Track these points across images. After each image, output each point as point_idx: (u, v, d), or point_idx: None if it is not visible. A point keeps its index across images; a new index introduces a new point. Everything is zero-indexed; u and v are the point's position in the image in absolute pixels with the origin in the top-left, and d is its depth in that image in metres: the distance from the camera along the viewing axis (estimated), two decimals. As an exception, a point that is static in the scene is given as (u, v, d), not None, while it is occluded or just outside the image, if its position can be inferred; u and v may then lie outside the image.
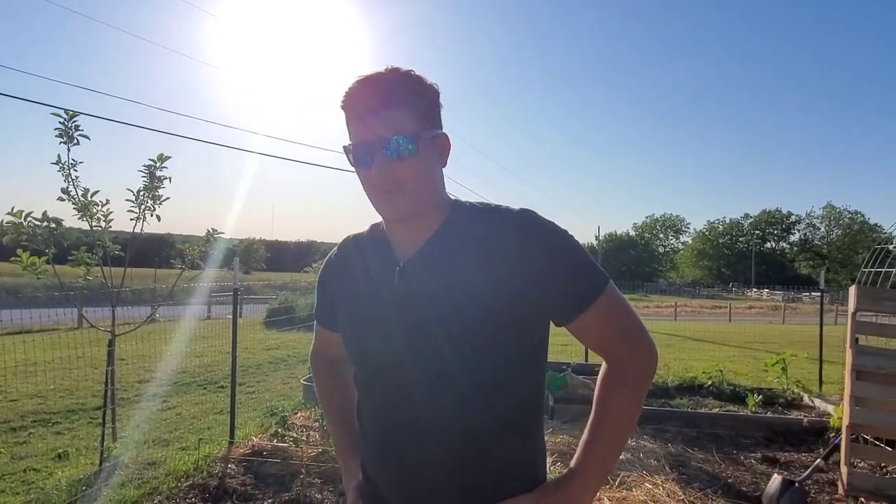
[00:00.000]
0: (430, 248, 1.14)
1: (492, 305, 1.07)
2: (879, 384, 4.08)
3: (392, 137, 1.06)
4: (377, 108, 1.08)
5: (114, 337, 4.55)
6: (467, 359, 1.08)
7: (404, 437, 1.13)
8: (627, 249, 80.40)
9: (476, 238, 1.12)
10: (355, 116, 1.10)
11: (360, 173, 1.12)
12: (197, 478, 4.24)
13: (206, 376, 8.50)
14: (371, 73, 1.10)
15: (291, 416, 5.74)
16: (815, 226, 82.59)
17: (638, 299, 43.44)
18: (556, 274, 1.10)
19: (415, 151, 1.08)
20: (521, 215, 1.13)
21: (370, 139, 1.08)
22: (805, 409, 6.55)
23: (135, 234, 4.55)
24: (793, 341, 13.61)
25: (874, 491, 3.93)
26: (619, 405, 1.15)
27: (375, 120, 1.07)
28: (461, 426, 1.10)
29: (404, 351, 1.11)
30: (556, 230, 1.13)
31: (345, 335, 1.26)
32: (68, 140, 4.10)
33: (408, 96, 1.09)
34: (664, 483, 4.16)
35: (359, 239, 1.28)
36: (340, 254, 1.30)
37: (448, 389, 1.09)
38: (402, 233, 1.17)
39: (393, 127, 1.07)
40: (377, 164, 1.07)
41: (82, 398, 7.18)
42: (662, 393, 7.05)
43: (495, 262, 1.08)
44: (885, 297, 4.20)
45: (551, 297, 1.11)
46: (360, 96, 1.09)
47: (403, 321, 1.12)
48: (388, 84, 1.08)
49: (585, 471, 1.13)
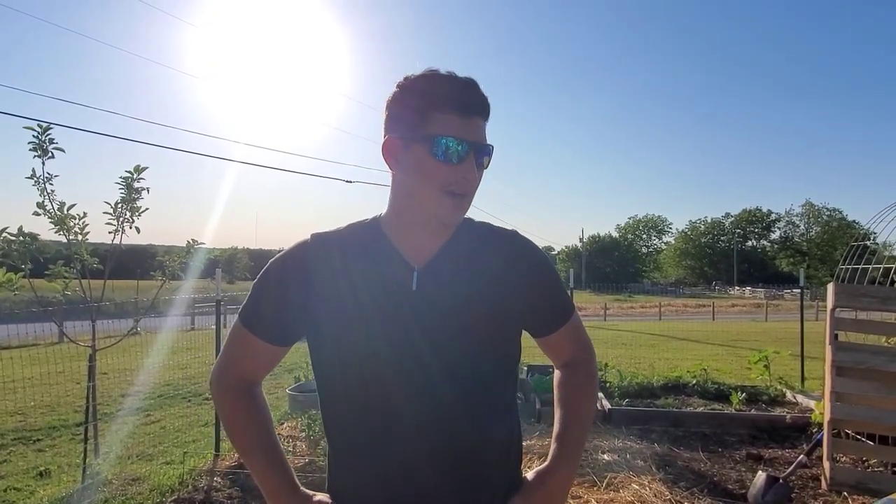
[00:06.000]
0: (445, 255, 1.17)
1: (499, 311, 1.17)
2: (859, 379, 4.14)
3: (489, 146, 1.13)
4: (483, 112, 1.12)
5: (94, 352, 4.49)
6: (476, 358, 1.14)
7: (404, 438, 1.12)
8: (611, 251, 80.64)
9: (483, 250, 1.19)
10: (460, 111, 1.08)
11: (436, 166, 1.07)
12: (182, 492, 4.20)
13: (191, 388, 8.41)
14: (464, 76, 1.11)
15: (277, 426, 5.69)
16: (794, 223, 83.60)
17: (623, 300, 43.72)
18: (544, 292, 1.25)
19: (487, 165, 1.15)
20: (517, 235, 1.26)
21: (471, 139, 1.09)
22: (788, 405, 6.63)
23: (114, 247, 4.50)
24: (775, 338, 13.76)
25: (856, 485, 3.99)
26: (589, 400, 1.32)
27: (479, 123, 1.11)
28: (467, 423, 1.13)
29: (417, 351, 1.11)
30: (546, 255, 1.29)
31: (337, 340, 1.13)
32: (42, 153, 4.05)
33: (489, 112, 1.13)
34: (651, 483, 4.19)
35: (336, 240, 1.18)
36: (314, 254, 1.16)
37: (457, 390, 1.13)
38: (418, 237, 1.16)
39: (485, 136, 1.12)
40: (471, 167, 1.09)
41: (64, 414, 7.07)
42: (648, 393, 7.09)
43: (502, 274, 1.18)
44: (861, 294, 4.27)
45: (538, 311, 1.25)
46: (471, 94, 1.10)
47: (421, 323, 1.12)
48: (485, 95, 1.11)
49: (566, 462, 1.21)
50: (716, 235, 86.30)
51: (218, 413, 1.27)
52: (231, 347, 1.23)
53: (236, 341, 1.22)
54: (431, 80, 1.09)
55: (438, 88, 1.08)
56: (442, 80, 1.09)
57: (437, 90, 1.08)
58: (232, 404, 1.23)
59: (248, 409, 1.23)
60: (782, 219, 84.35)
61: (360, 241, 1.17)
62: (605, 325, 21.47)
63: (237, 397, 1.23)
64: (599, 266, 75.81)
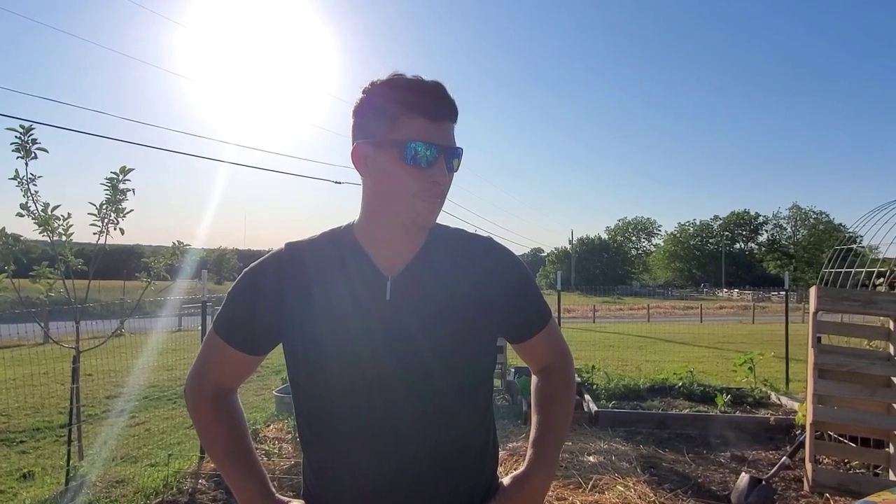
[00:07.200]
0: (418, 263, 1.16)
1: (474, 318, 1.16)
2: (841, 382, 4.19)
3: (459, 148, 1.12)
4: (450, 115, 1.10)
5: (78, 353, 4.46)
6: (452, 366, 1.13)
7: (382, 446, 1.12)
8: (601, 253, 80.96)
9: (457, 257, 1.19)
10: (428, 115, 1.07)
11: (407, 171, 1.07)
12: (167, 494, 4.17)
13: (176, 390, 8.36)
14: (430, 79, 1.10)
15: (263, 428, 5.68)
16: (781, 226, 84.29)
17: (612, 302, 43.91)
18: (520, 298, 1.25)
19: (457, 168, 1.15)
20: (491, 241, 1.27)
21: (440, 143, 1.08)
22: (772, 407, 6.69)
23: (99, 248, 4.47)
24: (761, 340, 13.88)
25: (838, 487, 4.03)
26: (565, 405, 1.32)
27: (448, 126, 1.10)
28: (445, 433, 1.14)
29: (392, 360, 1.11)
30: (521, 261, 1.28)
31: (311, 350, 1.13)
32: (26, 154, 4.02)
33: (457, 115, 1.13)
34: (636, 485, 4.21)
35: (309, 249, 1.18)
36: (288, 264, 1.16)
37: (433, 396, 1.12)
38: (391, 245, 1.15)
39: (454, 139, 1.11)
40: (442, 170, 1.09)
41: (48, 416, 7.01)
42: (634, 395, 7.13)
43: (477, 280, 1.18)
44: (843, 297, 4.32)
45: (514, 317, 1.25)
46: (438, 98, 1.08)
47: (395, 332, 1.11)
48: (452, 97, 1.10)
49: (542, 467, 1.21)
50: (704, 238, 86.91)
51: (192, 421, 1.26)
52: (205, 356, 1.22)
53: (211, 350, 1.21)
54: (398, 85, 1.08)
55: (405, 93, 1.07)
56: (408, 84, 1.08)
57: (404, 95, 1.07)
58: (206, 413, 1.22)
59: (223, 418, 1.22)
60: (770, 221, 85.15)
61: (334, 250, 1.16)
62: (594, 328, 21.53)
63: (211, 406, 1.22)
64: (589, 268, 76.11)
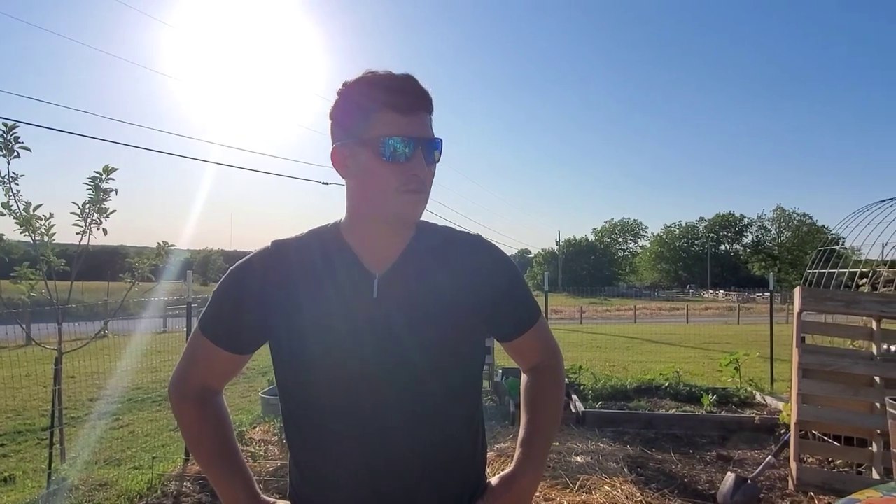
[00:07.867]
0: (405, 261, 1.14)
1: (462, 315, 1.15)
2: (824, 381, 4.23)
3: (437, 139, 1.10)
4: (424, 106, 1.08)
5: (60, 355, 4.40)
6: (439, 365, 1.12)
7: (370, 445, 1.10)
8: (587, 254, 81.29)
9: (445, 254, 1.18)
10: (402, 109, 1.05)
11: (386, 167, 1.05)
12: (151, 497, 4.13)
13: (161, 392, 8.26)
14: (400, 73, 1.08)
15: (249, 430, 5.64)
16: (766, 228, 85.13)
17: (599, 303, 44.11)
18: (509, 296, 1.23)
19: (439, 159, 1.13)
20: (480, 238, 1.25)
21: (417, 135, 1.06)
22: (757, 406, 6.74)
23: (82, 248, 4.41)
24: (747, 341, 13.99)
25: (822, 485, 4.06)
26: (555, 405, 1.32)
27: (423, 117, 1.08)
28: (433, 433, 1.13)
29: (379, 359, 1.09)
30: (509, 259, 1.27)
31: (297, 349, 1.12)
32: (8, 153, 3.97)
33: (431, 105, 1.11)
34: (623, 485, 4.22)
35: (296, 247, 1.16)
36: (274, 262, 1.14)
37: (421, 396, 1.11)
38: (377, 243, 1.14)
39: (431, 130, 1.10)
40: (421, 162, 1.07)
41: (30, 419, 6.92)
42: (621, 395, 7.15)
43: (465, 278, 1.16)
44: (827, 298, 4.36)
45: (503, 315, 1.24)
46: (410, 90, 1.06)
47: (382, 331, 1.10)
48: (424, 88, 1.09)
49: (531, 467, 1.21)
50: (690, 239, 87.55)
51: (177, 422, 1.23)
52: (190, 356, 1.20)
53: (195, 350, 1.19)
54: (369, 82, 1.07)
55: (376, 90, 1.06)
56: (379, 80, 1.07)
57: (375, 92, 1.06)
58: (190, 414, 1.20)
59: (207, 419, 1.20)
60: (754, 223, 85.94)
61: (321, 248, 1.15)
62: (581, 328, 21.64)
63: (196, 406, 1.20)
64: (576, 269, 76.37)
